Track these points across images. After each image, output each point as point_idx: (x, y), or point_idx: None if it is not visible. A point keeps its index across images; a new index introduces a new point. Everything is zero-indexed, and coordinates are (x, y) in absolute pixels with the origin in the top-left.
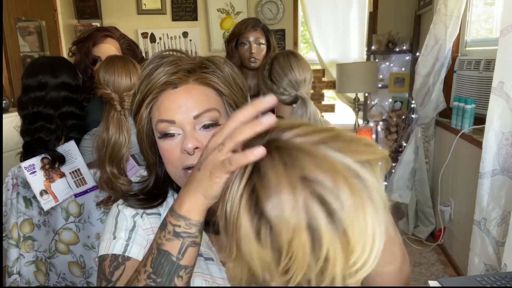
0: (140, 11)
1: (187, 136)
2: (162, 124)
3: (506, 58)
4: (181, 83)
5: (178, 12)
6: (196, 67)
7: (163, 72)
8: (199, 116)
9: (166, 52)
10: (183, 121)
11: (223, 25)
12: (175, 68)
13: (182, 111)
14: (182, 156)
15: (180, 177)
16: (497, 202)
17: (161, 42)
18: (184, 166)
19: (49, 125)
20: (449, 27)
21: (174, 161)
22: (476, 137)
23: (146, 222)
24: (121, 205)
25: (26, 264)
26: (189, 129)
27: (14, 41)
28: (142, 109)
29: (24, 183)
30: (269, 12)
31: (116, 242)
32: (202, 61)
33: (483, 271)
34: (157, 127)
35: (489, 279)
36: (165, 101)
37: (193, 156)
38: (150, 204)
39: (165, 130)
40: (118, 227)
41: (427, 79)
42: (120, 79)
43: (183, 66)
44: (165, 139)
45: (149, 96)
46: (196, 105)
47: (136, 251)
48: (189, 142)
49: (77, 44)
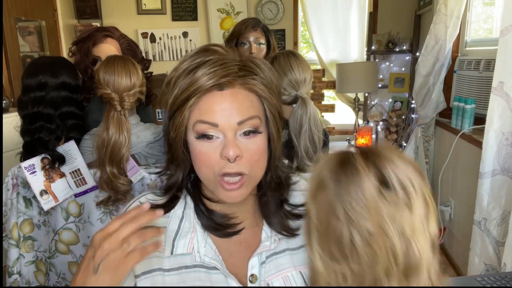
0: (140, 11)
1: (230, 143)
2: (202, 125)
3: (506, 58)
4: (228, 86)
5: (178, 12)
6: (243, 71)
7: (210, 72)
8: (243, 122)
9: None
10: (226, 125)
11: (223, 25)
12: (224, 70)
13: (226, 116)
14: (221, 161)
15: (214, 182)
16: (497, 202)
17: (161, 42)
18: (222, 173)
19: (49, 125)
20: (449, 27)
21: (211, 165)
22: (476, 137)
23: None
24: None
25: (26, 264)
26: (231, 135)
27: (14, 41)
28: (186, 109)
29: (24, 183)
30: (269, 12)
31: None
32: (246, 63)
33: (483, 271)
34: (195, 127)
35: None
36: (209, 103)
37: (233, 164)
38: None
39: (205, 132)
40: None
41: (427, 79)
42: (120, 79)
43: (232, 69)
44: (202, 140)
45: (194, 97)
46: (240, 111)
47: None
48: (231, 150)
49: (77, 44)
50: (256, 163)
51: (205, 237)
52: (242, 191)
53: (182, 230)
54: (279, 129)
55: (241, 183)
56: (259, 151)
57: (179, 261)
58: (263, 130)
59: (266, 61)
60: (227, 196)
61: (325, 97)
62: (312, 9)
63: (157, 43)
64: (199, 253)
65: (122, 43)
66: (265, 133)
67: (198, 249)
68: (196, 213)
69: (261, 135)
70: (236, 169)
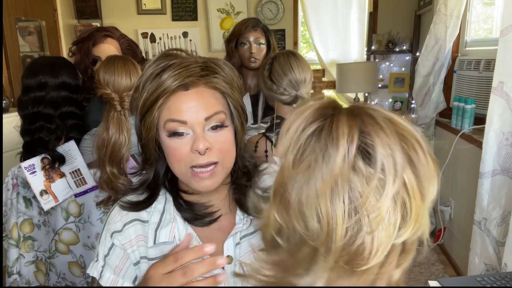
0: (140, 11)
1: (199, 137)
2: (172, 123)
3: (506, 58)
4: (192, 86)
5: (178, 12)
6: (205, 71)
7: (174, 74)
8: (210, 118)
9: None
10: (194, 122)
11: (223, 25)
12: (187, 72)
13: (193, 113)
14: (191, 155)
15: (186, 175)
16: (497, 202)
17: (161, 42)
18: (193, 165)
19: (49, 125)
20: (449, 27)
21: (182, 159)
22: (476, 137)
23: (126, 235)
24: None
25: (26, 264)
26: (199, 130)
27: (14, 41)
28: (155, 110)
29: (24, 183)
30: (269, 12)
31: (97, 264)
32: (207, 64)
33: (483, 271)
34: (166, 126)
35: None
36: (177, 103)
37: (203, 156)
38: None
39: (175, 129)
40: (99, 249)
41: (427, 79)
42: (120, 79)
43: (195, 70)
44: (173, 137)
45: (161, 98)
46: (206, 107)
47: (106, 278)
48: (200, 143)
49: (77, 44)
50: (227, 153)
51: (185, 226)
52: (214, 180)
53: (163, 222)
54: (243, 122)
55: (212, 172)
56: (228, 142)
57: (162, 250)
58: (229, 124)
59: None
60: (201, 186)
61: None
62: (312, 9)
63: (157, 43)
64: (180, 241)
65: (122, 43)
66: (231, 127)
67: (180, 237)
68: (176, 207)
69: (227, 129)
70: (208, 160)
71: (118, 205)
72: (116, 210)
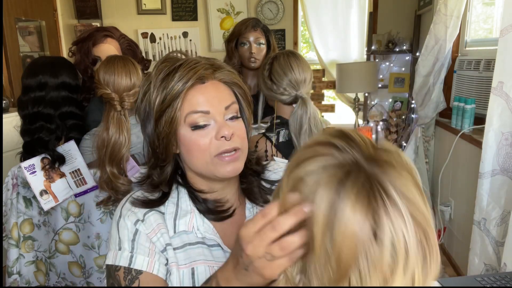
0: (140, 11)
1: (223, 125)
2: (195, 115)
3: (506, 58)
4: (208, 79)
5: (178, 12)
6: (213, 67)
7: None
8: (229, 107)
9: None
10: (216, 111)
11: (223, 25)
12: (200, 67)
13: (214, 103)
14: (217, 142)
15: (211, 164)
16: (497, 202)
17: (161, 42)
18: (220, 152)
19: (49, 125)
20: (449, 27)
21: (207, 149)
22: (476, 137)
23: (148, 224)
24: (125, 208)
25: (26, 264)
26: (220, 119)
27: (14, 41)
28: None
29: (24, 183)
30: (269, 12)
31: (122, 253)
32: (212, 62)
33: (483, 271)
34: (187, 119)
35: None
36: (197, 95)
37: (229, 142)
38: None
39: (198, 122)
40: (121, 237)
41: (427, 79)
42: (120, 79)
43: (204, 66)
44: (197, 130)
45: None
46: (224, 98)
47: (140, 262)
48: (226, 130)
49: (77, 44)
50: (244, 140)
51: (202, 218)
52: (239, 164)
53: (180, 212)
54: (250, 114)
55: (236, 156)
56: (244, 131)
57: (183, 239)
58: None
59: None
60: (228, 171)
61: (325, 97)
62: (312, 9)
63: (157, 43)
64: (199, 231)
65: (122, 43)
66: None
67: (198, 227)
68: (191, 200)
69: (240, 119)
70: (233, 145)
71: (129, 201)
72: (129, 205)
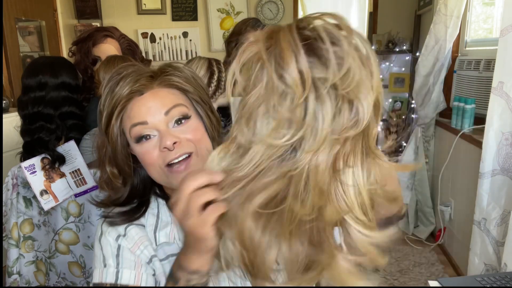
0: (140, 11)
1: (164, 134)
2: (136, 128)
3: (506, 58)
4: (146, 89)
5: (178, 12)
6: (156, 75)
7: (125, 83)
8: (169, 112)
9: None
10: (156, 120)
11: (223, 25)
12: (137, 76)
13: (152, 112)
14: (162, 154)
15: (164, 175)
16: (497, 202)
17: (161, 42)
18: (166, 163)
19: (49, 125)
20: (449, 27)
21: (155, 161)
22: (476, 137)
23: (130, 238)
24: (105, 225)
25: (26, 264)
26: (163, 128)
27: (14, 41)
28: (112, 121)
29: (24, 183)
30: (269, 12)
31: (107, 270)
32: (161, 67)
33: (483, 271)
34: (131, 132)
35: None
36: (135, 107)
37: (174, 151)
38: (133, 216)
39: (140, 133)
40: (105, 254)
41: (427, 79)
42: None
43: (145, 75)
44: (141, 142)
45: (117, 108)
46: (164, 104)
47: (127, 276)
48: (167, 139)
49: (77, 44)
50: (199, 142)
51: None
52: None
53: (160, 224)
54: (208, 113)
55: (187, 163)
56: (198, 131)
57: (165, 251)
58: (193, 114)
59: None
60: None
61: None
62: (312, 9)
63: (157, 43)
64: (181, 240)
65: (122, 43)
66: (197, 117)
67: (179, 237)
68: (170, 210)
69: (193, 120)
70: (180, 152)
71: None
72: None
